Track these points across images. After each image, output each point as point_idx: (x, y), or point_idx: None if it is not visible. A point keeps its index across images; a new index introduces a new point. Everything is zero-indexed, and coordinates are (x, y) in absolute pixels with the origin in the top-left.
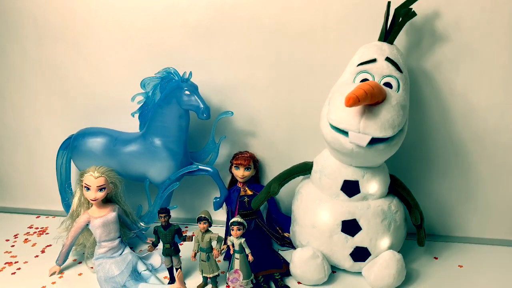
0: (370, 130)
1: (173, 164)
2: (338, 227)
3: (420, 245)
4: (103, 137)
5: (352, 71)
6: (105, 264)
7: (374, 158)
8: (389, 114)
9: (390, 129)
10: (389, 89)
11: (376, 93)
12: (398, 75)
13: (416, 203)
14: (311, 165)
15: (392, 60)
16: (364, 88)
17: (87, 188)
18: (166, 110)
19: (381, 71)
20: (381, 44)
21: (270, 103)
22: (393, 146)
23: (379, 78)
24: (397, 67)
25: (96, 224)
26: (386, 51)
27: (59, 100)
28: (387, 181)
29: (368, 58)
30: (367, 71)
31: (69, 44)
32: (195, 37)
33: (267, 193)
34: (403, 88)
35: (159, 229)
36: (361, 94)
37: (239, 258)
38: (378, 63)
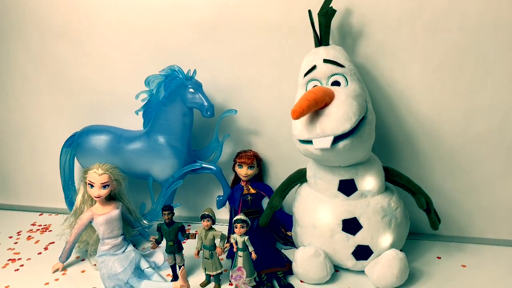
0: (328, 130)
1: (177, 162)
2: (339, 227)
3: (434, 229)
4: (107, 135)
5: (302, 83)
6: (108, 261)
7: (352, 154)
8: (341, 109)
9: (347, 122)
10: (336, 87)
11: (319, 97)
12: (341, 70)
13: (418, 187)
14: (305, 171)
15: (329, 60)
16: (306, 98)
17: (91, 185)
18: (170, 108)
19: (324, 73)
20: (316, 49)
21: (273, 101)
22: (362, 136)
23: (326, 80)
24: (337, 64)
25: (99, 221)
26: (322, 54)
27: (63, 98)
28: (382, 174)
29: (310, 67)
30: (313, 79)
31: (73, 42)
32: (199, 36)
33: (271, 208)
34: (351, 79)
35: (162, 227)
36: (304, 104)
37: (242, 256)
38: (318, 68)
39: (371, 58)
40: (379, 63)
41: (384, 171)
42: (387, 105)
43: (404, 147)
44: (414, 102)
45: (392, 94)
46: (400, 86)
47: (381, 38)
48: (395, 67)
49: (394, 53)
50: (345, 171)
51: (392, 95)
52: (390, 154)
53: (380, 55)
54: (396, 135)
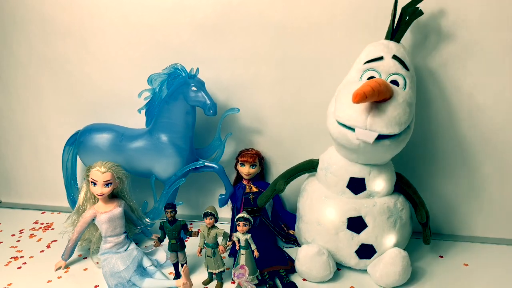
0: (376, 127)
1: (179, 160)
2: (344, 224)
3: (426, 243)
4: (109, 133)
5: (359, 68)
6: (111, 259)
7: (380, 155)
8: (396, 111)
9: (397, 126)
10: (395, 87)
11: (383, 90)
12: (405, 73)
13: (422, 201)
14: (317, 162)
15: (399, 58)
16: (371, 85)
17: (94, 183)
18: (172, 106)
19: (387, 69)
20: (387, 42)
21: (276, 100)
22: (399, 143)
23: (385, 76)
24: (404, 65)
25: (102, 219)
26: (393, 49)
27: (66, 96)
28: (393, 179)
29: (375, 56)
30: (373, 69)
31: (76, 40)
32: (202, 34)
33: (273, 190)
34: (409, 86)
35: (165, 224)
36: (368, 91)
37: (245, 254)
38: (385, 61)
39: None
40: None
41: (396, 177)
42: None
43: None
44: (418, 102)
45: None
46: None
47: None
48: None
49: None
50: (359, 169)
51: None
52: (395, 156)
53: None
54: None
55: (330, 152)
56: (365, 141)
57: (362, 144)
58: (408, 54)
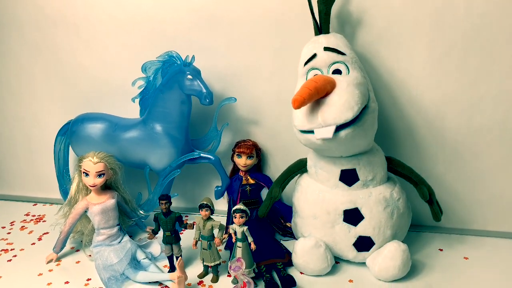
0: (329, 120)
1: (174, 151)
2: (340, 217)
3: (436, 220)
4: (102, 123)
5: (302, 72)
6: (104, 252)
7: (354, 143)
8: (343, 98)
9: (349, 111)
10: (337, 76)
11: (320, 86)
12: (342, 58)
13: (421, 178)
14: (306, 161)
15: (330, 48)
16: (307, 86)
17: (86, 173)
18: (167, 95)
19: (324, 62)
20: (317, 38)
21: (274, 90)
22: (365, 125)
23: (326, 69)
24: (338, 51)
25: (94, 210)
26: (323, 42)
27: (58, 86)
28: (384, 164)
29: (309, 55)
30: (313, 67)
31: (69, 28)
32: (198, 22)
33: (270, 198)
34: (352, 68)
35: (159, 216)
36: (305, 93)
37: (241, 246)
38: (319, 56)
39: (372, 47)
40: (381, 52)
41: (386, 161)
42: (388, 95)
43: (405, 138)
44: (416, 92)
45: (393, 84)
46: (402, 75)
47: (383, 25)
48: (397, 55)
49: (397, 41)
50: (347, 161)
51: (393, 84)
52: (391, 145)
53: (382, 43)
54: (398, 126)
55: None
56: (326, 138)
57: (327, 141)
58: (341, 39)
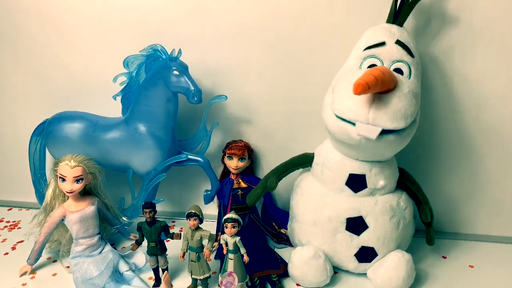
0: (380, 121)
1: (160, 153)
2: (342, 225)
3: (430, 244)
4: (81, 122)
5: (358, 55)
6: (83, 263)
7: (383, 151)
8: (401, 103)
9: (402, 120)
10: (400, 76)
11: (387, 80)
12: (410, 60)
13: (426, 199)
14: (312, 156)
15: (403, 43)
16: (374, 74)
17: (62, 179)
18: (151, 93)
19: (391, 55)
20: (390, 26)
21: (267, 87)
22: (404, 138)
23: (388, 64)
24: (409, 51)
25: (72, 219)
26: (396, 34)
27: (33, 81)
28: (396, 175)
29: (377, 41)
30: (375, 56)
31: (43, 17)
32: (185, 12)
33: (263, 187)
34: (414, 74)
35: (143, 226)
36: (371, 80)
37: (233, 258)
38: (387, 46)
39: None
40: None
41: (399, 172)
42: None
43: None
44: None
45: None
46: None
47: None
48: None
49: None
50: (359, 165)
51: None
52: None
53: None
54: None
55: (326, 145)
56: (367, 137)
57: (364, 140)
58: (412, 39)
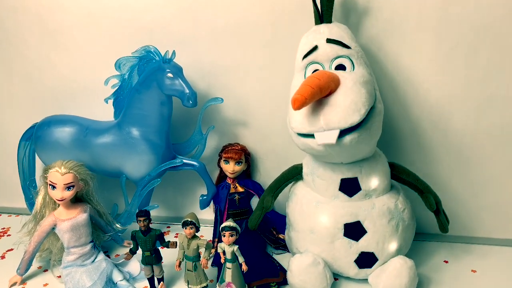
0: (333, 123)
1: (154, 158)
2: (340, 232)
3: (443, 232)
4: (71, 126)
5: (300, 67)
6: (75, 273)
7: (358, 150)
8: (348, 98)
9: (356, 113)
10: (341, 72)
11: (324, 84)
12: (347, 52)
13: (427, 186)
14: (301, 167)
15: (333, 39)
16: (309, 84)
17: (53, 186)
18: (145, 96)
19: (326, 55)
20: (317, 27)
21: (264, 88)
22: (371, 129)
23: (328, 63)
24: (342, 44)
25: (63, 227)
26: (325, 33)
27: (21, 84)
28: (388, 171)
29: (310, 47)
30: (314, 61)
31: (32, 17)
32: (179, 12)
33: (262, 208)
34: (358, 63)
35: (137, 234)
36: (307, 92)
37: (231, 267)
38: (320, 48)
39: (375, 40)
40: (384, 47)
41: (389, 168)
42: (391, 92)
43: (408, 140)
44: (421, 90)
45: (396, 80)
46: (406, 72)
47: (387, 17)
48: (401, 50)
49: (402, 35)
50: (348, 168)
51: (396, 81)
52: (392, 147)
53: (386, 37)
54: (400, 127)
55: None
56: (328, 144)
57: (328, 147)
58: (345, 29)
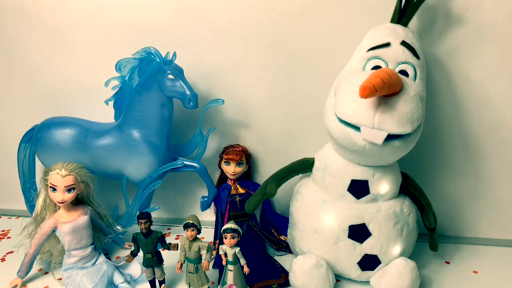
0: (386, 125)
1: (154, 159)
2: (345, 233)
3: (433, 250)
4: (72, 128)
5: (361, 56)
6: (76, 276)
7: (387, 157)
8: (408, 106)
9: (409, 124)
10: (405, 78)
11: (394, 82)
12: (415, 61)
13: (430, 204)
14: (312, 162)
15: (409, 44)
16: (380, 76)
17: (53, 188)
18: (145, 97)
19: (396, 57)
20: (394, 26)
21: (265, 89)
22: (409, 143)
23: (393, 65)
24: (414, 52)
25: (64, 230)
26: (401, 34)
27: (21, 85)
28: (399, 180)
29: (381, 42)
30: (379, 57)
31: (31, 18)
32: (179, 12)
33: (262, 194)
34: (420, 77)
35: (138, 237)
36: (378, 83)
37: (233, 270)
38: (392, 47)
39: None
40: None
41: (402, 177)
42: None
43: None
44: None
45: None
46: None
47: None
48: None
49: None
50: (361, 170)
51: None
52: None
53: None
54: None
55: (327, 150)
56: (372, 142)
57: (368, 145)
58: (417, 40)
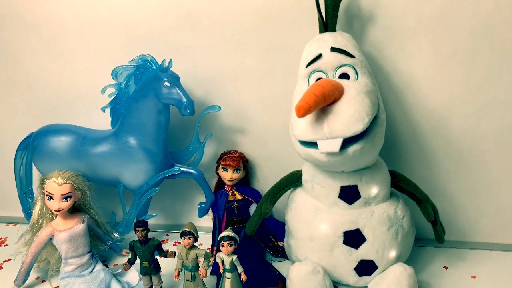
0: (337, 131)
1: (151, 166)
2: (340, 239)
3: (440, 242)
4: (68, 136)
5: (303, 74)
6: (73, 284)
7: (361, 160)
8: (352, 107)
9: (360, 123)
10: (345, 81)
11: (328, 92)
12: (351, 61)
13: (425, 196)
14: (300, 174)
15: (338, 48)
16: (314, 92)
17: (50, 197)
18: (142, 105)
19: (330, 64)
20: (322, 36)
21: (262, 96)
22: (374, 138)
23: (332, 72)
24: (346, 53)
25: (61, 238)
26: (329, 41)
27: (18, 93)
28: (388, 179)
29: (314, 56)
30: (317, 70)
31: (27, 26)
32: (176, 20)
33: (259, 214)
34: (362, 73)
35: (135, 245)
36: (311, 100)
37: (230, 277)
38: (324, 57)
39: (375, 47)
40: (382, 53)
41: (390, 176)
42: (390, 98)
43: (407, 145)
44: (420, 96)
45: (396, 86)
46: (405, 78)
47: (386, 23)
48: (400, 56)
49: (400, 41)
50: (348, 176)
51: (396, 87)
52: (391, 152)
53: (384, 43)
54: (399, 132)
55: None
56: (330, 152)
57: (331, 157)
58: (349, 39)
